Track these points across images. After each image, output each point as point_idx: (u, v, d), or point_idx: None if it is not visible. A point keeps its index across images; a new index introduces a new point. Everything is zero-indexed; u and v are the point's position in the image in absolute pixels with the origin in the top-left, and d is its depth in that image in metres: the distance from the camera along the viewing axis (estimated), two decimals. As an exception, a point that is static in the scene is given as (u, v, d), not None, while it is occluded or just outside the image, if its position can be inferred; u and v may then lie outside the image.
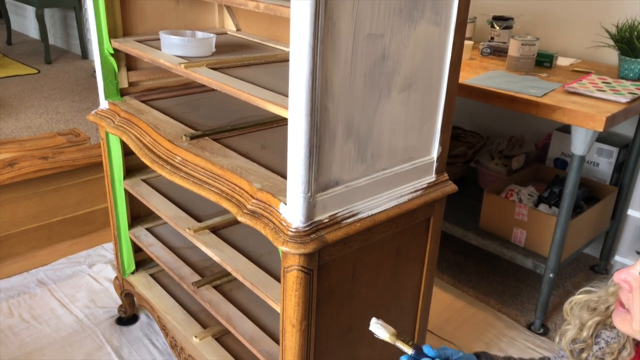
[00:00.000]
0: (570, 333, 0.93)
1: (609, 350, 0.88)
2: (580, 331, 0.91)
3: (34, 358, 1.83)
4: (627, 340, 0.86)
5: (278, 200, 1.12)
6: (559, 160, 2.40)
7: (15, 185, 2.18)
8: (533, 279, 2.38)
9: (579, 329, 0.92)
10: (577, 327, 0.92)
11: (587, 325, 0.90)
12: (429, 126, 1.25)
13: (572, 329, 0.93)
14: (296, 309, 1.13)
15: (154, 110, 1.61)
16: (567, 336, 0.94)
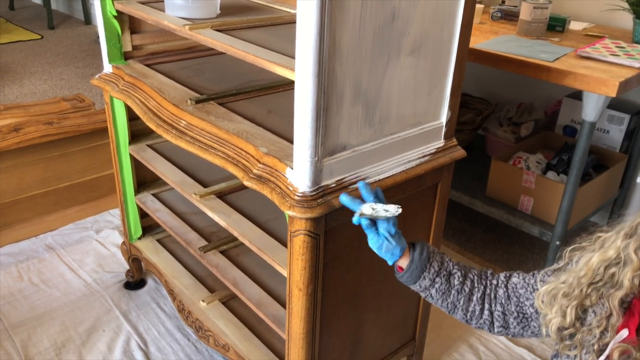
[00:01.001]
0: (555, 322, 0.93)
1: (596, 323, 0.89)
2: (564, 318, 0.91)
3: (44, 320, 1.86)
4: (613, 307, 0.86)
5: (284, 164, 1.11)
6: (569, 128, 2.37)
7: (21, 151, 2.18)
8: (539, 246, 2.38)
9: (562, 316, 0.91)
10: (559, 315, 0.92)
11: (568, 312, 0.90)
12: (439, 90, 1.22)
13: (555, 317, 0.93)
14: (303, 273, 1.13)
15: (158, 74, 1.59)
16: (553, 327, 0.94)
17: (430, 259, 1.05)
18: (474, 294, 1.05)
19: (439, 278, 1.04)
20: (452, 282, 1.05)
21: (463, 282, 1.05)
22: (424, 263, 1.04)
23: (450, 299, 1.05)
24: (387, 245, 1.03)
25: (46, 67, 4.21)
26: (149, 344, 1.78)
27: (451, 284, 1.05)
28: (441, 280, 1.04)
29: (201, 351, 1.77)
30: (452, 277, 1.05)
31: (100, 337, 1.80)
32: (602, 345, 0.88)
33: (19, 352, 1.73)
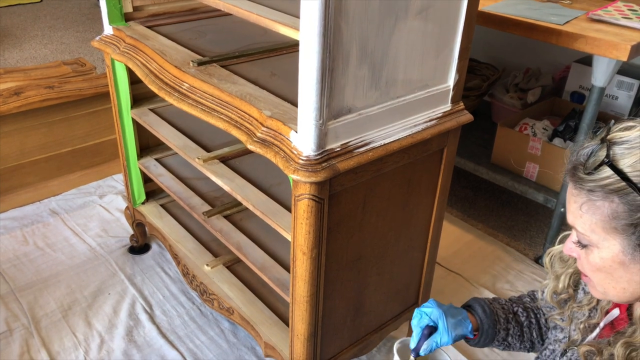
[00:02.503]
0: (550, 287, 0.94)
1: (586, 301, 0.89)
2: (557, 283, 0.92)
3: (50, 283, 1.88)
4: None
5: (289, 128, 1.09)
6: (577, 94, 2.34)
7: (23, 115, 2.16)
8: (543, 213, 2.38)
9: (556, 282, 0.92)
10: (553, 280, 0.93)
11: (562, 278, 0.91)
12: (447, 52, 1.19)
13: (550, 282, 0.93)
14: (307, 237, 1.13)
15: (159, 36, 1.55)
16: (548, 290, 0.94)
17: (494, 310, 1.03)
18: (540, 319, 1.04)
19: (511, 325, 1.03)
20: (520, 320, 1.04)
21: (528, 315, 1.05)
22: (492, 319, 1.01)
23: (526, 337, 1.04)
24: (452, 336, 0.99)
25: (46, 31, 4.15)
26: (153, 307, 1.80)
27: (520, 322, 1.04)
28: (512, 324, 1.03)
29: (205, 314, 1.79)
30: (517, 316, 1.04)
31: (105, 300, 1.82)
32: (589, 325, 0.88)
33: (25, 314, 1.75)
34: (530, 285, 1.99)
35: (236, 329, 1.74)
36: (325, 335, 1.33)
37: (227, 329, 1.74)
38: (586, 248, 0.77)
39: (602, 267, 0.76)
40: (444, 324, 0.97)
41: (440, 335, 0.96)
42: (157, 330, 1.72)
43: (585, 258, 0.78)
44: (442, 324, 0.97)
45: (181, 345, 1.68)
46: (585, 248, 0.77)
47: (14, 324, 1.71)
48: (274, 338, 1.44)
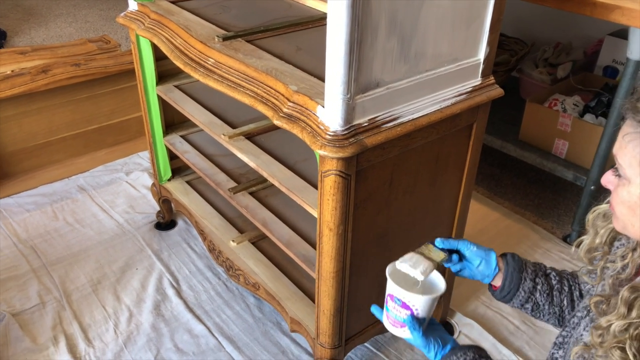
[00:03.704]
0: (586, 242, 0.93)
1: (621, 253, 0.88)
2: (595, 238, 0.91)
3: (80, 258, 1.92)
4: (638, 243, 0.85)
5: (315, 102, 1.08)
6: (610, 68, 2.26)
7: (50, 92, 2.19)
8: (571, 191, 2.33)
9: (593, 237, 0.91)
10: (592, 235, 0.92)
11: (600, 233, 0.90)
12: (477, 24, 1.16)
13: (587, 237, 0.93)
14: (333, 213, 1.12)
15: (184, 11, 1.54)
16: (584, 245, 0.93)
17: (523, 260, 1.02)
18: (574, 293, 1.02)
19: (539, 278, 1.01)
20: (551, 282, 1.02)
21: (560, 281, 1.02)
22: (520, 264, 1.01)
23: (555, 300, 1.01)
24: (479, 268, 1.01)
25: (71, 10, 4.18)
26: (180, 282, 1.83)
27: (550, 284, 1.02)
28: (541, 280, 1.01)
29: (231, 289, 1.81)
30: (549, 278, 1.02)
31: (133, 275, 1.85)
32: (617, 281, 0.86)
33: (57, 287, 1.79)
34: (558, 264, 1.96)
35: (261, 304, 1.75)
36: (351, 312, 1.33)
37: (253, 304, 1.76)
38: (620, 179, 0.78)
39: (628, 201, 0.77)
40: (469, 247, 1.01)
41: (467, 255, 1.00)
42: (184, 304, 1.75)
43: (616, 190, 0.79)
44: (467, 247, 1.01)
45: (207, 319, 1.70)
46: (619, 179, 0.78)
47: (47, 297, 1.76)
48: (300, 313, 1.45)
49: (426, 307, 0.93)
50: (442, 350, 0.95)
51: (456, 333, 1.69)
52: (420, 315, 0.93)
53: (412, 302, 0.92)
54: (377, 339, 1.65)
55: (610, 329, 0.76)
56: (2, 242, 1.97)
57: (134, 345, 1.61)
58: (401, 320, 0.94)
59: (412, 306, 0.92)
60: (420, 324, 0.94)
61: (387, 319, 0.98)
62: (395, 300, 0.94)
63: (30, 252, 1.93)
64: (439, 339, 0.96)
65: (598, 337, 0.78)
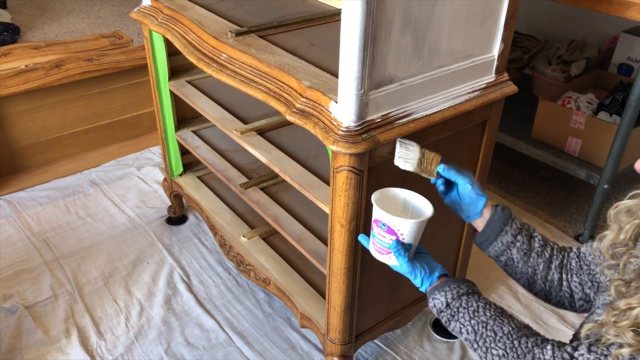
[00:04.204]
0: (610, 237, 0.92)
1: None
2: (618, 235, 0.90)
3: (91, 252, 1.93)
4: None
5: (328, 98, 1.08)
6: (624, 66, 2.24)
7: (64, 87, 2.20)
8: (583, 190, 2.31)
9: (617, 232, 0.90)
10: (615, 231, 0.90)
11: (625, 229, 0.89)
12: (492, 20, 1.15)
13: (610, 233, 0.91)
14: (345, 209, 1.12)
15: (197, 7, 1.55)
16: (606, 240, 0.92)
17: (512, 216, 1.02)
18: (553, 262, 1.02)
19: (521, 236, 1.01)
20: (533, 244, 1.02)
21: (544, 246, 1.02)
22: (506, 217, 1.01)
23: (531, 261, 1.01)
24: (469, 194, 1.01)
25: (83, 5, 4.20)
26: (191, 277, 1.84)
27: (532, 245, 1.02)
28: (523, 238, 1.01)
29: (241, 285, 1.82)
30: (533, 240, 1.02)
31: (144, 269, 1.87)
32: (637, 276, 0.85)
33: (70, 281, 1.81)
34: (570, 263, 1.94)
35: (271, 300, 1.76)
36: (362, 308, 1.33)
37: (263, 300, 1.76)
38: None
39: None
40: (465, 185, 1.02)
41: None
42: (194, 299, 1.75)
43: None
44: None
45: (218, 314, 1.71)
46: None
47: (59, 290, 1.77)
48: (310, 309, 1.45)
49: (412, 232, 0.92)
50: (428, 278, 0.94)
51: (466, 331, 1.68)
52: (406, 241, 0.92)
53: (397, 226, 0.91)
54: (386, 335, 1.65)
55: (629, 312, 0.75)
56: (15, 235, 1.99)
57: (145, 339, 1.62)
58: (386, 247, 0.93)
59: (398, 231, 0.91)
60: (406, 250, 0.93)
61: (373, 245, 0.97)
62: (381, 226, 0.92)
63: (43, 245, 1.95)
64: (425, 265, 0.95)
65: (613, 316, 0.77)
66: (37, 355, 1.57)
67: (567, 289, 1.02)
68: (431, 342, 1.65)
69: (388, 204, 0.96)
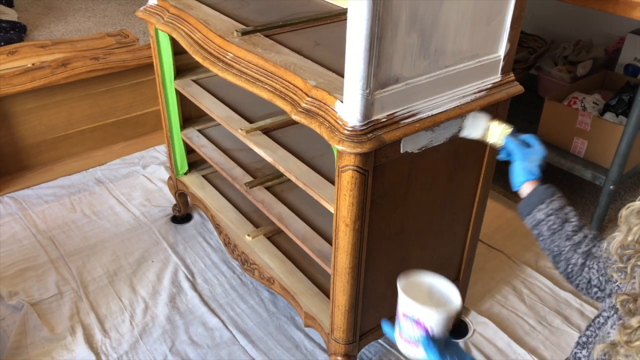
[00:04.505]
0: (619, 238, 0.90)
1: None
2: (627, 236, 0.88)
3: (96, 250, 1.94)
4: None
5: (334, 97, 1.08)
6: (631, 67, 2.23)
7: (70, 86, 2.21)
8: (589, 191, 2.31)
9: (626, 234, 0.88)
10: (624, 232, 0.88)
11: (634, 231, 0.87)
12: (499, 20, 1.15)
13: (620, 234, 0.89)
14: (350, 208, 1.12)
15: (203, 6, 1.55)
16: (615, 241, 0.90)
17: (554, 196, 1.05)
18: (581, 247, 1.03)
19: (554, 217, 1.04)
20: (566, 227, 1.04)
21: (576, 232, 1.03)
22: (545, 196, 1.05)
23: (558, 242, 1.04)
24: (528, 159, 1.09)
25: (89, 4, 4.22)
26: (195, 275, 1.84)
27: (564, 228, 1.04)
28: (555, 220, 1.04)
29: (246, 283, 1.82)
30: (568, 224, 1.04)
31: (149, 267, 1.87)
32: None
33: (75, 278, 1.82)
34: (575, 264, 1.94)
35: (276, 299, 1.76)
36: (366, 307, 1.33)
37: (267, 299, 1.76)
38: None
39: None
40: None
41: None
42: (199, 297, 1.76)
43: None
44: None
45: (222, 312, 1.71)
46: None
47: (64, 288, 1.78)
48: (314, 308, 1.45)
49: (442, 325, 0.88)
50: None
51: (470, 331, 1.68)
52: (435, 334, 0.89)
53: (427, 320, 0.87)
54: (391, 335, 1.65)
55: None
56: (21, 233, 2.00)
57: (149, 337, 1.63)
58: (415, 340, 0.90)
59: (427, 324, 0.88)
60: (436, 344, 0.89)
61: (400, 337, 0.93)
62: (409, 318, 0.89)
63: (49, 243, 1.96)
64: (455, 357, 0.93)
65: (625, 335, 0.77)
66: (42, 352, 1.57)
67: (586, 274, 1.03)
68: (435, 342, 1.64)
69: (413, 290, 0.93)
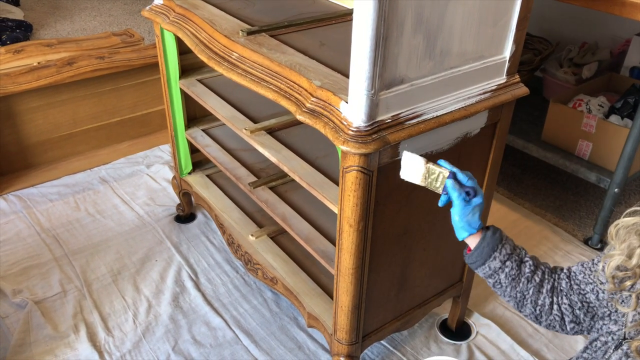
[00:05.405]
0: (617, 259, 0.87)
1: None
2: (629, 258, 0.85)
3: (100, 249, 1.94)
4: None
5: (339, 98, 1.08)
6: (637, 69, 2.22)
7: (75, 85, 2.22)
8: (593, 194, 2.30)
9: (627, 255, 0.85)
10: (624, 253, 0.85)
11: (637, 253, 0.84)
12: (504, 21, 1.15)
13: (619, 254, 0.87)
14: (354, 209, 1.12)
15: (208, 5, 1.55)
16: (612, 262, 0.88)
17: (503, 240, 1.00)
18: (544, 286, 1.00)
19: (510, 262, 1.00)
20: (523, 269, 1.00)
21: (534, 271, 1.00)
22: (495, 242, 0.99)
23: (520, 287, 1.00)
24: (469, 212, 0.98)
25: (95, 3, 4.23)
26: (199, 275, 1.85)
27: (522, 271, 1.00)
28: (512, 264, 1.00)
29: (249, 283, 1.82)
30: (524, 265, 1.01)
31: (153, 267, 1.87)
32: None
33: (79, 277, 1.82)
34: (579, 266, 1.93)
35: (279, 299, 1.76)
36: (369, 308, 1.33)
37: (270, 299, 1.76)
38: None
39: None
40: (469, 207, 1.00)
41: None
42: (202, 297, 1.76)
43: None
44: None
45: (225, 312, 1.72)
46: None
47: (68, 286, 1.79)
48: (317, 309, 1.45)
49: None
50: None
51: (473, 333, 1.67)
52: None
53: None
54: (393, 337, 1.65)
55: None
56: (25, 231, 2.00)
57: (153, 336, 1.63)
58: None
59: None
60: None
61: None
62: None
63: (53, 241, 1.96)
64: None
65: None
66: (45, 350, 1.58)
67: (557, 312, 0.99)
68: (438, 344, 1.64)
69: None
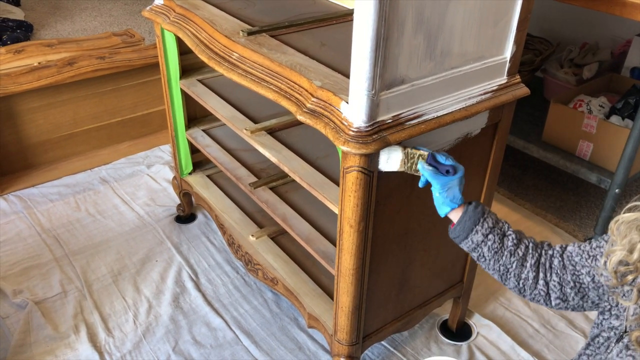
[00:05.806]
0: (619, 255, 0.87)
1: None
2: (630, 253, 0.85)
3: (101, 249, 1.94)
4: None
5: (339, 98, 1.08)
6: (637, 70, 2.22)
7: (76, 85, 2.22)
8: (594, 194, 2.30)
9: (629, 250, 0.86)
10: (626, 248, 0.86)
11: (638, 248, 0.84)
12: (505, 22, 1.15)
13: (620, 250, 0.87)
14: (355, 210, 1.12)
15: (209, 6, 1.55)
16: (615, 257, 0.88)
17: (485, 214, 1.03)
18: (527, 260, 1.01)
19: (492, 235, 1.02)
20: (506, 243, 1.02)
21: (517, 245, 1.02)
22: (477, 216, 1.02)
23: (503, 260, 1.02)
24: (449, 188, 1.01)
25: (96, 4, 4.23)
26: (199, 275, 1.85)
27: (504, 244, 1.02)
28: (494, 237, 1.02)
29: (249, 284, 1.82)
30: (506, 238, 1.02)
31: (153, 267, 1.87)
32: None
33: (79, 277, 1.82)
34: (580, 267, 1.93)
35: (279, 300, 1.76)
36: (370, 309, 1.33)
37: (270, 299, 1.76)
38: None
39: None
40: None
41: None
42: (202, 297, 1.76)
43: None
44: None
45: (225, 313, 1.71)
46: None
47: (68, 286, 1.79)
48: (318, 309, 1.45)
49: None
50: None
51: (474, 334, 1.67)
52: None
53: None
54: (394, 337, 1.64)
55: None
56: (26, 231, 2.00)
57: (153, 336, 1.63)
58: None
59: None
60: None
61: None
62: None
63: (53, 241, 1.96)
64: None
65: None
66: (46, 351, 1.58)
67: (543, 287, 1.01)
68: (438, 344, 1.64)
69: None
